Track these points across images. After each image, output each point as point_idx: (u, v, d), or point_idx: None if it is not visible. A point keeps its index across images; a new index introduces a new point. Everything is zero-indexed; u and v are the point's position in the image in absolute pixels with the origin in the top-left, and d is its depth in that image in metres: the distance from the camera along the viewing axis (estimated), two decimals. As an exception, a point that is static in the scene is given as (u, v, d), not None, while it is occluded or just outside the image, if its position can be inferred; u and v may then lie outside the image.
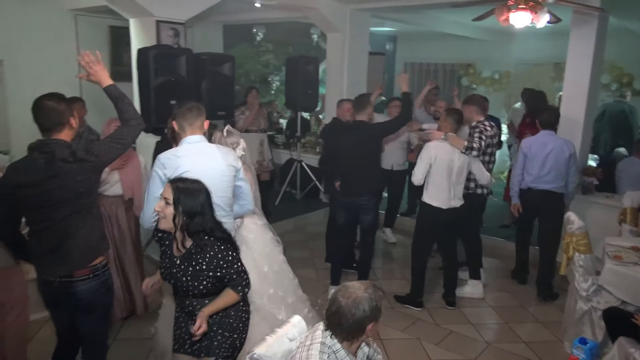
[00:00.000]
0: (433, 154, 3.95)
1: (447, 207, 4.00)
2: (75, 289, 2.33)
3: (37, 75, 6.10)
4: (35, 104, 2.32)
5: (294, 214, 6.43)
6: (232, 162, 2.71)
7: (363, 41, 6.90)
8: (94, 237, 2.39)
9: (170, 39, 4.60)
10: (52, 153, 2.24)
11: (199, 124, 2.66)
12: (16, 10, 6.08)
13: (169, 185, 2.16)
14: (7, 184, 2.30)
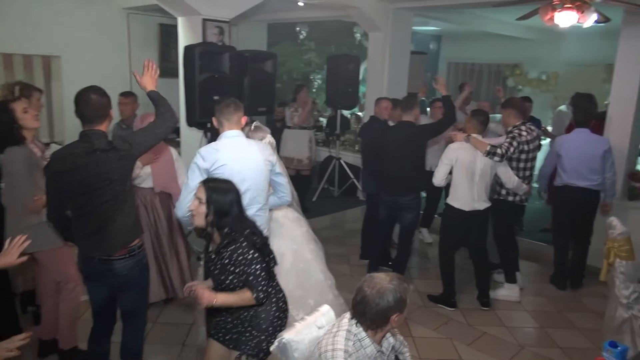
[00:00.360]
0: (454, 156, 3.95)
1: (470, 209, 3.98)
2: (114, 267, 2.50)
3: (91, 70, 6.40)
4: (81, 97, 2.44)
5: (330, 210, 6.50)
6: (268, 157, 2.80)
7: (405, 40, 6.88)
8: (130, 222, 2.53)
9: (215, 36, 4.75)
10: (92, 143, 2.39)
11: (237, 119, 2.76)
12: (73, 9, 6.41)
13: (202, 186, 2.29)
14: (51, 171, 2.49)
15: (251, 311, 2.30)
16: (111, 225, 2.47)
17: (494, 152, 3.85)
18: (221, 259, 2.25)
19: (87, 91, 2.44)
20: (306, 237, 3.42)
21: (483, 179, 3.98)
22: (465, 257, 4.75)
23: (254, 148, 2.76)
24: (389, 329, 1.91)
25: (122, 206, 2.49)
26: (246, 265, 2.20)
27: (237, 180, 2.54)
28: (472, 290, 4.42)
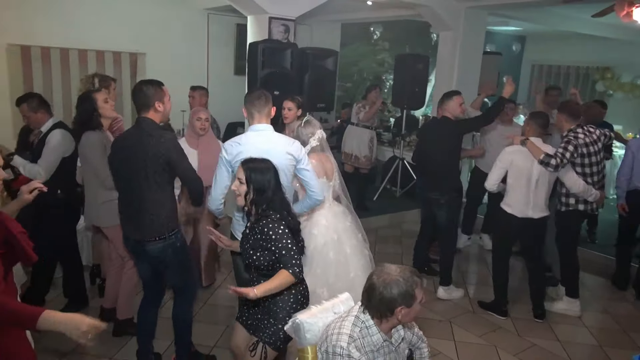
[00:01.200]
0: (509, 160, 3.79)
1: (523, 216, 3.80)
2: (146, 248, 2.70)
3: (172, 67, 6.87)
4: (135, 86, 2.74)
5: (390, 210, 6.47)
6: (293, 152, 2.77)
7: (477, 40, 6.67)
8: (164, 214, 2.68)
9: (281, 34, 4.93)
10: (139, 128, 2.63)
11: (266, 112, 2.81)
12: (160, 9, 6.93)
13: (241, 167, 2.37)
14: (110, 152, 2.79)
15: (269, 299, 2.32)
16: (145, 213, 2.64)
17: (547, 162, 3.65)
18: (254, 234, 2.31)
19: (140, 83, 2.71)
20: (348, 232, 3.39)
21: (543, 186, 3.78)
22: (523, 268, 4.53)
23: (278, 142, 2.77)
24: (396, 321, 1.90)
25: (157, 197, 2.64)
26: (277, 240, 2.21)
27: None
28: (527, 300, 4.21)
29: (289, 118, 3.87)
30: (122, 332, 3.45)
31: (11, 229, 1.79)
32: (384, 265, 1.94)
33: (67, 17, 6.24)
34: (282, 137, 2.86)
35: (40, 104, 3.41)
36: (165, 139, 2.60)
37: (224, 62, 7.62)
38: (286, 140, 2.85)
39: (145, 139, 2.58)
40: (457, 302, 4.26)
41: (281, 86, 4.43)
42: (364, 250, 3.46)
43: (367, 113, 6.01)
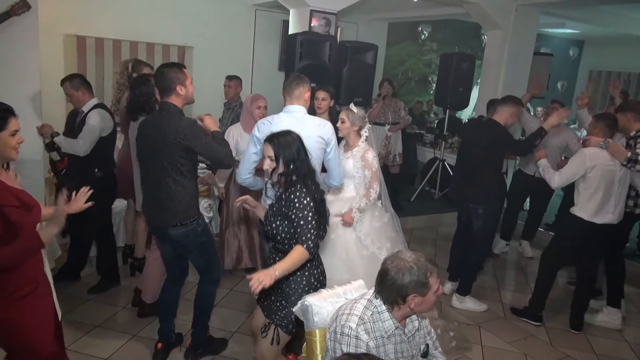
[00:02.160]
0: (589, 164, 3.51)
1: (602, 222, 3.57)
2: (167, 232, 2.73)
3: (219, 60, 7.01)
4: (155, 70, 2.75)
5: (428, 211, 6.32)
6: (323, 135, 2.78)
7: (528, 40, 6.43)
8: (184, 202, 2.68)
9: (322, 27, 4.92)
10: (161, 112, 2.65)
11: (297, 94, 2.81)
12: (207, 4, 7.08)
13: (267, 144, 2.32)
14: (137, 134, 2.82)
15: (283, 281, 2.27)
16: (165, 200, 2.66)
17: (636, 160, 3.41)
18: (280, 202, 2.28)
19: (162, 66, 2.70)
20: (391, 220, 3.42)
21: (624, 189, 3.58)
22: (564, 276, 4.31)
23: (309, 124, 2.78)
24: (409, 310, 1.83)
25: (178, 185, 2.64)
26: (299, 210, 2.18)
27: None
28: (564, 310, 4.00)
29: (322, 108, 3.85)
30: (147, 314, 3.51)
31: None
32: (400, 251, 1.88)
33: (121, 10, 6.49)
34: (313, 119, 2.86)
35: (81, 83, 3.53)
36: (181, 126, 2.56)
37: (268, 58, 7.70)
38: (318, 122, 2.85)
39: (164, 126, 2.58)
40: (488, 307, 4.09)
41: (318, 79, 4.40)
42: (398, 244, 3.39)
43: (372, 111, 5.70)
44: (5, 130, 1.92)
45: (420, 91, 9.83)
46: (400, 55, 9.35)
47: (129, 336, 3.28)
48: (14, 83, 3.72)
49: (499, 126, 3.80)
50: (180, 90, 2.62)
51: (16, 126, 1.97)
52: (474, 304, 4.05)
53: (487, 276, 4.72)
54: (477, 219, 3.96)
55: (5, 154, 1.95)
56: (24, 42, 3.74)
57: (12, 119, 1.95)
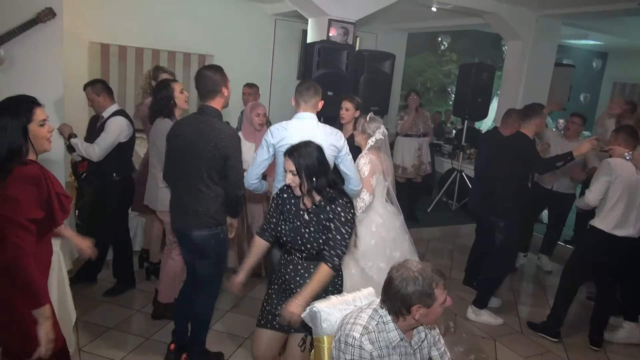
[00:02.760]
0: (614, 173, 3.45)
1: (624, 235, 3.49)
2: (190, 234, 2.71)
3: (239, 68, 7.00)
4: (197, 73, 2.71)
5: (444, 222, 6.26)
6: (334, 142, 2.78)
7: (549, 51, 6.37)
8: (213, 209, 2.66)
9: (340, 37, 4.95)
10: (200, 116, 2.63)
11: (313, 103, 2.83)
12: (230, 13, 7.20)
13: (287, 158, 2.28)
14: (167, 137, 2.81)
15: (304, 286, 2.24)
16: (195, 204, 2.65)
17: None
18: (321, 216, 2.23)
19: (204, 68, 2.70)
20: (401, 232, 3.34)
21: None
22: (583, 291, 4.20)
23: (321, 131, 2.78)
24: (414, 321, 1.80)
25: (208, 190, 2.63)
26: (341, 223, 2.19)
27: None
28: (583, 325, 3.90)
29: (346, 118, 3.86)
30: (161, 315, 3.54)
31: (51, 188, 1.88)
32: (407, 260, 1.85)
33: (144, 19, 6.64)
34: (324, 127, 2.85)
35: (102, 88, 3.60)
36: (225, 135, 2.57)
37: (287, 67, 7.76)
38: (328, 130, 2.85)
39: (206, 132, 2.56)
40: (504, 321, 4.01)
41: (335, 87, 4.43)
42: (414, 254, 3.37)
43: (404, 124, 5.81)
44: (33, 122, 1.87)
45: (440, 101, 9.79)
46: (420, 65, 9.34)
47: (143, 339, 3.31)
48: (38, 87, 3.76)
49: (527, 140, 3.75)
50: (224, 91, 2.65)
51: (43, 115, 1.92)
52: (490, 317, 3.97)
53: (504, 289, 4.64)
54: (498, 232, 3.90)
55: (39, 145, 1.92)
56: (48, 48, 3.84)
57: (37, 109, 1.90)
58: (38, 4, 3.70)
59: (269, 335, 2.40)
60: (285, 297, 2.31)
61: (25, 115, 1.86)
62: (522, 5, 5.88)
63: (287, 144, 2.61)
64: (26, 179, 1.79)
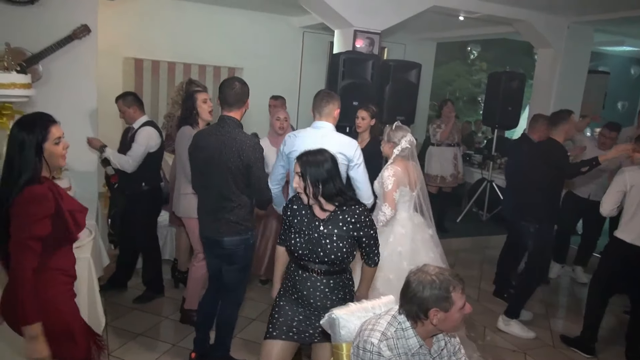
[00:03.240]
0: (628, 182, 3.39)
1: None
2: (221, 240, 2.75)
3: (268, 81, 7.15)
4: (227, 83, 2.74)
5: (474, 233, 6.15)
6: (344, 151, 2.76)
7: (582, 59, 6.23)
8: (241, 215, 2.73)
9: (366, 47, 4.97)
10: (224, 126, 2.68)
11: (327, 112, 2.83)
12: (259, 27, 7.33)
13: (296, 161, 2.31)
14: (190, 147, 2.87)
15: (324, 300, 2.27)
16: (222, 212, 2.70)
17: None
18: (339, 225, 2.23)
19: (233, 79, 2.77)
20: (428, 244, 3.27)
21: None
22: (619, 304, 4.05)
23: (332, 140, 2.76)
24: (432, 327, 1.78)
25: (238, 198, 2.69)
26: (370, 227, 2.27)
27: None
28: (619, 340, 3.74)
29: (362, 127, 3.88)
30: (187, 320, 3.60)
31: (62, 205, 1.93)
32: (425, 264, 1.84)
33: (175, 34, 6.84)
34: (338, 137, 2.85)
35: (133, 101, 3.71)
36: (247, 145, 2.62)
37: (315, 78, 7.82)
38: (342, 139, 2.84)
39: (229, 143, 2.62)
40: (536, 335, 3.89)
41: (360, 97, 4.44)
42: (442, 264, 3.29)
43: (442, 132, 5.81)
44: (48, 141, 1.90)
45: (469, 111, 9.68)
46: (449, 75, 9.27)
47: (169, 345, 3.37)
48: (74, 101, 3.98)
49: (557, 145, 3.69)
50: (248, 103, 2.75)
51: (58, 133, 1.95)
52: (520, 330, 3.86)
53: (536, 301, 4.51)
54: (529, 238, 3.84)
55: (54, 162, 1.96)
56: (84, 63, 4.01)
57: (52, 127, 1.93)
58: (74, 21, 3.88)
59: (282, 347, 2.35)
60: (305, 311, 2.30)
61: (41, 133, 1.89)
62: (553, 13, 5.78)
63: (297, 151, 2.63)
64: (31, 199, 1.83)
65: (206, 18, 7.00)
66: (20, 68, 3.46)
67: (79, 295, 2.71)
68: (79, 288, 2.69)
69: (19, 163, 1.86)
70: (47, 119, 1.94)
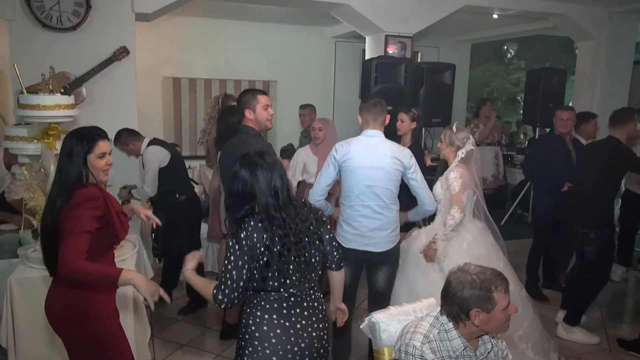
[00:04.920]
0: None
1: None
2: None
3: (301, 92, 7.21)
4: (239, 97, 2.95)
5: (520, 236, 5.92)
6: (400, 157, 2.72)
7: (626, 50, 5.96)
8: None
9: (398, 52, 4.94)
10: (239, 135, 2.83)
11: (381, 121, 2.79)
12: (290, 39, 7.43)
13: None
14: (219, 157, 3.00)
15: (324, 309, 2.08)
16: None
17: None
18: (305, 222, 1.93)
19: (243, 91, 2.95)
20: (496, 248, 3.15)
21: None
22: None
23: (385, 148, 2.75)
24: (475, 328, 1.71)
25: None
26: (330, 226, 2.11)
27: (363, 175, 2.66)
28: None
29: (402, 130, 3.84)
30: (229, 335, 3.61)
31: (110, 206, 2.01)
32: (467, 263, 1.78)
33: (211, 52, 7.03)
34: (391, 143, 2.81)
35: (127, 137, 3.76)
36: (247, 146, 2.68)
37: (349, 87, 7.83)
38: (395, 146, 2.80)
39: (240, 147, 2.70)
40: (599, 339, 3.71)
41: (395, 101, 4.38)
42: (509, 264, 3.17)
43: (482, 132, 5.71)
44: (92, 153, 1.96)
45: (509, 112, 9.44)
46: (486, 76, 9.09)
47: (213, 355, 3.40)
48: (115, 121, 4.10)
49: (621, 145, 3.52)
50: (248, 114, 2.79)
51: (104, 148, 2.00)
52: (584, 336, 3.68)
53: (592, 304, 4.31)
54: (588, 245, 3.65)
55: (95, 175, 2.00)
56: (124, 83, 4.17)
57: (100, 141, 1.99)
58: (113, 44, 4.04)
59: None
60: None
61: (88, 144, 1.96)
62: (591, 3, 5.57)
63: (350, 158, 2.64)
64: (82, 199, 1.89)
65: (239, 34, 7.15)
66: (64, 90, 3.63)
67: (125, 307, 2.80)
68: (126, 299, 2.78)
69: (67, 170, 1.94)
70: (97, 133, 2.01)
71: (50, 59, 3.66)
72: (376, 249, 2.77)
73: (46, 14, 3.89)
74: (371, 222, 2.73)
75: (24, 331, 2.63)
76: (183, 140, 7.09)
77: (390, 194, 2.76)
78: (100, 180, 2.05)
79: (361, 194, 2.72)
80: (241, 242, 1.78)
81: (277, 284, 1.82)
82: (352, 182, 2.74)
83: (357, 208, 2.74)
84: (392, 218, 2.80)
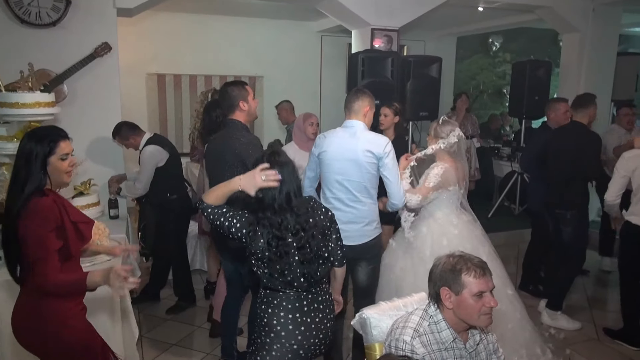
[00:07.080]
0: (632, 166, 3.36)
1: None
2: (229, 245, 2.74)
3: (287, 88, 7.20)
4: (220, 90, 2.90)
5: (507, 228, 5.97)
6: (373, 149, 2.64)
7: (610, 41, 5.99)
8: None
9: (384, 45, 4.92)
10: (226, 130, 2.78)
11: (356, 108, 2.70)
12: (279, 34, 7.37)
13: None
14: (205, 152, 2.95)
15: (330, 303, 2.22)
16: None
17: None
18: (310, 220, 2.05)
19: (224, 85, 2.85)
20: (482, 240, 3.15)
21: None
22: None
23: (359, 140, 2.67)
24: (451, 313, 1.72)
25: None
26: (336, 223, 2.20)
27: (335, 168, 2.66)
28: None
29: (385, 124, 3.82)
30: (218, 333, 3.58)
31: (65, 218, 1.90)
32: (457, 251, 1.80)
33: (195, 48, 6.95)
34: (368, 134, 2.72)
35: (127, 131, 3.74)
36: (240, 142, 2.66)
37: (336, 81, 7.80)
38: (372, 136, 2.72)
39: (228, 141, 2.68)
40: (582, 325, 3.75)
41: (382, 95, 4.34)
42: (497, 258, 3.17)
43: None
44: (54, 155, 1.85)
45: (495, 104, 9.48)
46: (472, 69, 9.11)
47: (203, 354, 3.37)
48: (99, 118, 4.06)
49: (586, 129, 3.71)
50: (243, 105, 2.74)
51: (67, 149, 1.89)
52: (567, 322, 3.75)
53: (577, 294, 4.35)
54: (565, 225, 3.77)
55: (57, 178, 1.90)
56: (107, 80, 4.09)
57: (62, 142, 1.88)
58: (95, 40, 3.96)
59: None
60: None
61: (49, 145, 1.85)
62: (577, -4, 5.61)
63: (325, 151, 2.62)
64: (38, 211, 1.80)
65: (224, 29, 7.08)
66: (44, 87, 3.54)
67: (112, 308, 2.75)
68: (112, 301, 2.73)
69: (24, 173, 1.83)
70: (57, 133, 1.90)
71: (30, 56, 3.57)
72: (350, 242, 2.63)
73: (24, 10, 3.79)
74: (343, 215, 2.64)
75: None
76: (169, 137, 6.97)
77: (361, 187, 2.69)
78: (63, 182, 1.96)
79: (332, 187, 2.71)
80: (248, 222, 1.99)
81: (286, 282, 1.99)
82: (326, 174, 2.74)
83: (330, 200, 2.72)
84: (365, 212, 2.72)
